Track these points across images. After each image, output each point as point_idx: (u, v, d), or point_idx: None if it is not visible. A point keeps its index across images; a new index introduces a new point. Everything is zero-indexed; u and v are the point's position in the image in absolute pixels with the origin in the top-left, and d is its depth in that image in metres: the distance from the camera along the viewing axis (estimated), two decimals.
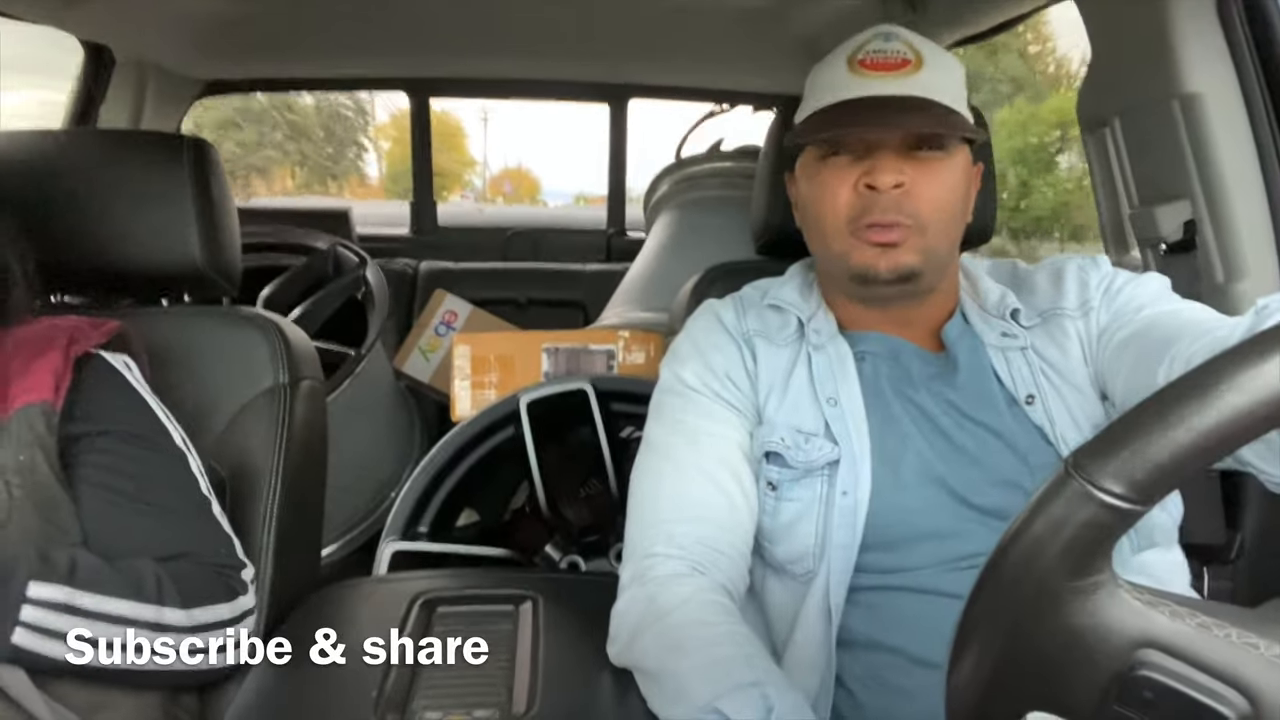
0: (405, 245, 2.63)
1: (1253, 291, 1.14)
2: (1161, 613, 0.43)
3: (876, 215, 0.85)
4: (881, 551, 0.85)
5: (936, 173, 0.86)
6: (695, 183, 2.25)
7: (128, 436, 0.90)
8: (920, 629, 0.81)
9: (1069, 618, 0.43)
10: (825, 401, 0.89)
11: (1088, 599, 0.43)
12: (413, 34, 2.14)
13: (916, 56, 0.87)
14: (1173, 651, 0.43)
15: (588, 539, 1.56)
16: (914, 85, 0.86)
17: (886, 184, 0.85)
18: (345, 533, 1.99)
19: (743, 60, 2.26)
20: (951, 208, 0.88)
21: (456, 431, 1.57)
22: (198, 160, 1.10)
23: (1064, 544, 0.42)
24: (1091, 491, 0.42)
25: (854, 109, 0.86)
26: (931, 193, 0.86)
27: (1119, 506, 0.41)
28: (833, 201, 0.88)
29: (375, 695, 0.81)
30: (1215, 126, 1.14)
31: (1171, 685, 0.43)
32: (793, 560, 0.88)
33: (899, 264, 0.86)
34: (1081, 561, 0.43)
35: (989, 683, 0.45)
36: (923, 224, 0.86)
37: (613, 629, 0.84)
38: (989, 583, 0.45)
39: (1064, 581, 0.43)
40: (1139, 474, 0.41)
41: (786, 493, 0.88)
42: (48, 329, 0.92)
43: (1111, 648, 0.43)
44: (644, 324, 1.90)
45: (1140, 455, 0.41)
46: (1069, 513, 0.42)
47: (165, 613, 0.83)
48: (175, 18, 1.87)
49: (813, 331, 0.93)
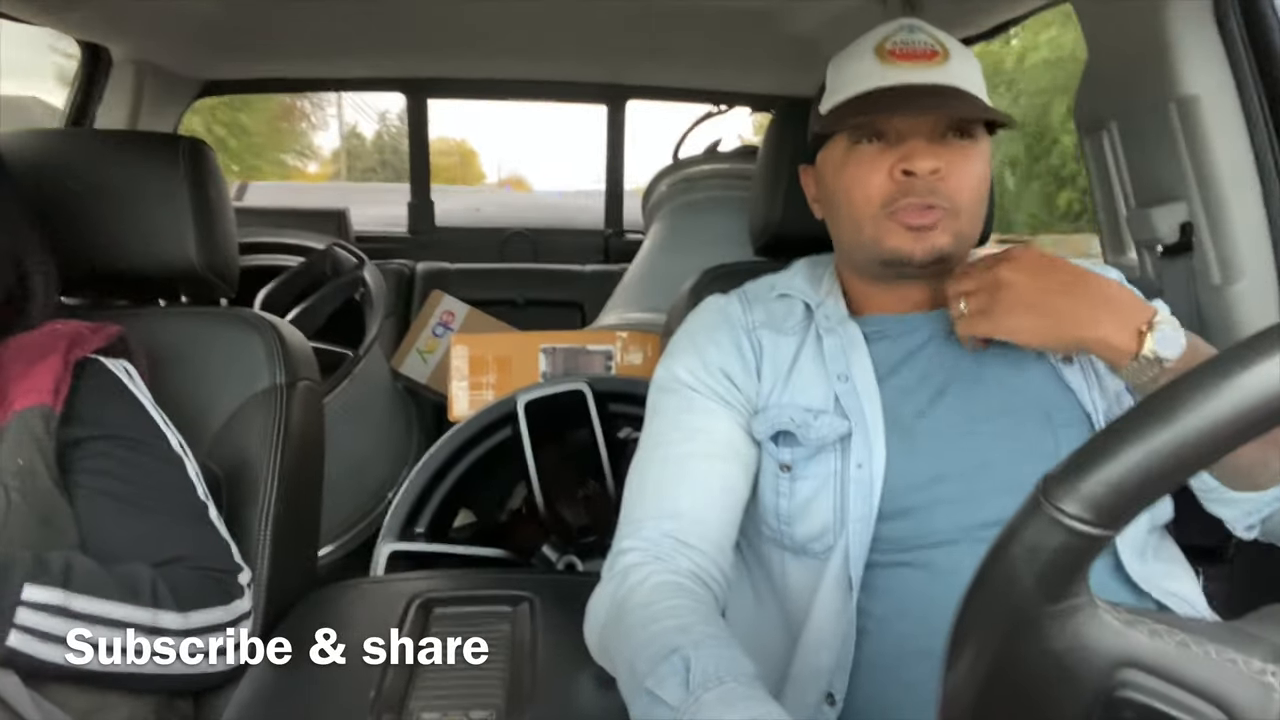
0: (402, 246, 2.63)
1: (1249, 293, 1.15)
2: (1141, 632, 0.44)
3: (914, 199, 0.87)
4: (899, 520, 0.85)
5: (967, 159, 0.88)
6: (693, 184, 2.25)
7: (125, 442, 0.90)
8: (933, 611, 0.81)
9: (1048, 641, 0.44)
10: (836, 378, 0.90)
11: (1066, 621, 0.44)
12: (410, 34, 2.14)
13: (943, 48, 0.89)
14: (1153, 670, 0.43)
15: (585, 539, 1.56)
16: (945, 74, 0.88)
17: (925, 169, 0.86)
18: (342, 533, 1.99)
19: (741, 61, 2.26)
20: (982, 193, 0.90)
21: (454, 432, 1.57)
22: (194, 161, 1.10)
23: (1039, 570, 0.43)
24: (1059, 518, 0.42)
25: (889, 96, 0.88)
26: (964, 179, 0.87)
27: (1087, 532, 0.42)
28: (864, 188, 0.89)
29: (372, 696, 0.81)
30: (1212, 129, 1.14)
31: (1152, 705, 0.43)
32: (812, 538, 0.88)
33: (933, 246, 0.88)
34: (1057, 586, 0.43)
35: (975, 705, 0.45)
36: (957, 208, 0.88)
37: (585, 628, 0.85)
38: (970, 608, 0.45)
39: (1041, 606, 0.43)
40: (1103, 499, 0.41)
41: (801, 471, 0.88)
42: (48, 333, 0.92)
43: (1092, 669, 0.44)
44: (642, 324, 1.90)
45: (1102, 480, 0.41)
46: (1040, 539, 0.42)
47: (161, 616, 0.83)
48: (173, 18, 1.87)
49: (823, 317, 0.94)
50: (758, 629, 0.91)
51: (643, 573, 0.82)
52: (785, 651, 0.88)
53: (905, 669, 0.83)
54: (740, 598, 0.94)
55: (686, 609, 0.78)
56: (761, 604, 0.93)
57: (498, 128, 18.07)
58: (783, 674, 0.87)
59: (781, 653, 0.88)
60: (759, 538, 0.92)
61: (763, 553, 0.92)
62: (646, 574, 0.82)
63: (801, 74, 0.97)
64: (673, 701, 0.69)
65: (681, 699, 0.69)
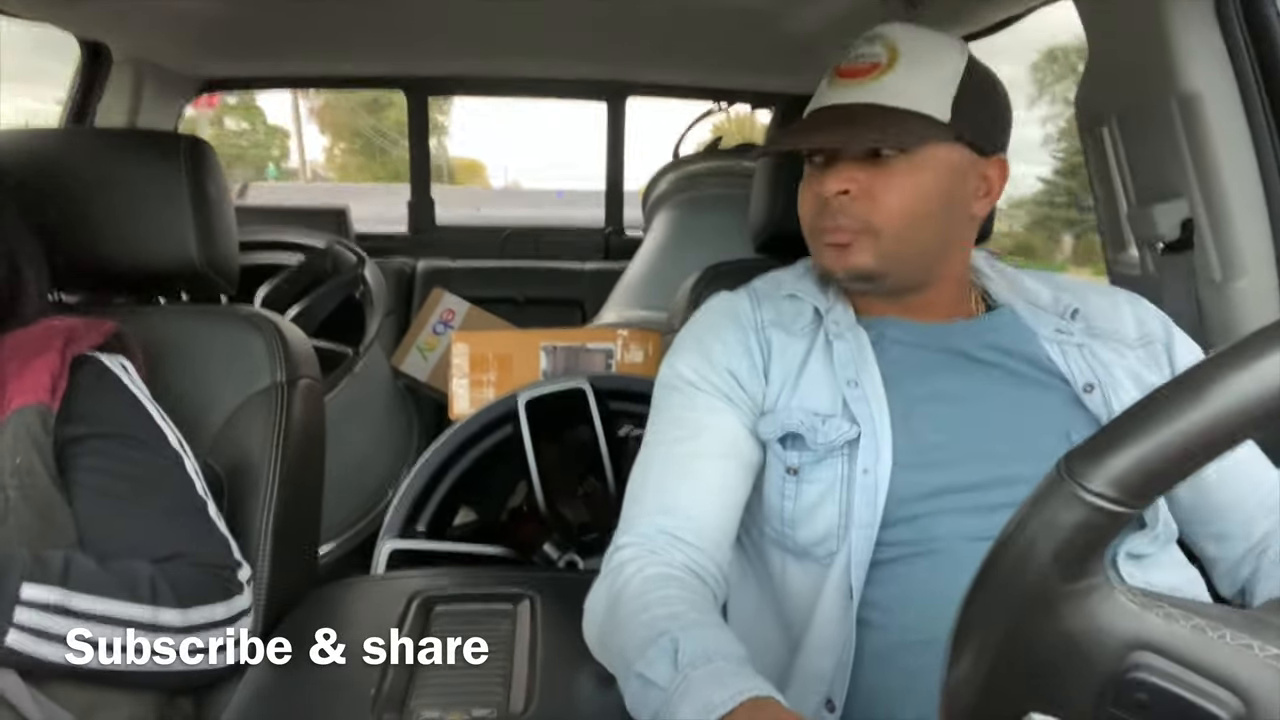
0: (403, 244, 2.63)
1: (1250, 290, 1.14)
2: (1156, 615, 0.43)
3: (826, 220, 0.90)
4: (903, 526, 0.85)
5: (896, 176, 0.88)
6: (694, 181, 2.25)
7: (123, 439, 0.90)
8: (936, 601, 0.81)
9: (1063, 620, 0.43)
10: (846, 384, 0.90)
11: (1082, 601, 0.43)
12: (411, 33, 2.14)
13: (891, 57, 0.89)
14: (1168, 653, 0.43)
15: (586, 537, 1.56)
16: (875, 91, 0.88)
17: (830, 191, 0.89)
18: (343, 531, 1.99)
19: (742, 59, 2.26)
20: (914, 209, 0.89)
21: (454, 430, 1.57)
22: (194, 159, 1.10)
23: (1057, 547, 0.42)
24: (1082, 494, 0.42)
25: (820, 118, 0.91)
26: (887, 198, 0.88)
27: (1109, 509, 0.41)
28: (803, 207, 0.93)
29: (373, 694, 0.81)
30: (1213, 125, 1.14)
31: (1166, 687, 0.43)
32: (815, 542, 0.88)
33: (851, 265, 0.90)
34: (1075, 564, 0.43)
35: (984, 685, 0.45)
36: (874, 228, 0.88)
37: (584, 625, 0.86)
38: (984, 585, 0.45)
39: (1058, 585, 0.43)
40: (1129, 476, 0.41)
41: (808, 475, 0.88)
42: (44, 330, 0.92)
43: (1106, 650, 0.43)
44: (642, 322, 1.90)
45: (1130, 457, 0.41)
46: (1061, 515, 0.42)
47: (160, 613, 0.83)
48: (173, 16, 1.86)
49: (832, 322, 0.94)
50: (758, 631, 0.91)
51: (637, 566, 0.82)
52: (785, 655, 0.88)
53: (907, 658, 0.83)
54: (741, 600, 0.94)
55: (677, 598, 0.78)
56: (762, 607, 0.93)
57: (503, 137, 18.33)
58: (782, 677, 0.87)
59: (782, 656, 0.88)
60: (761, 538, 0.92)
61: (764, 554, 0.92)
62: (640, 567, 0.82)
63: (802, 71, 0.97)
64: (662, 682, 0.69)
65: (670, 678, 0.69)
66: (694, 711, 0.66)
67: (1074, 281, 1.01)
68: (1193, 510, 0.91)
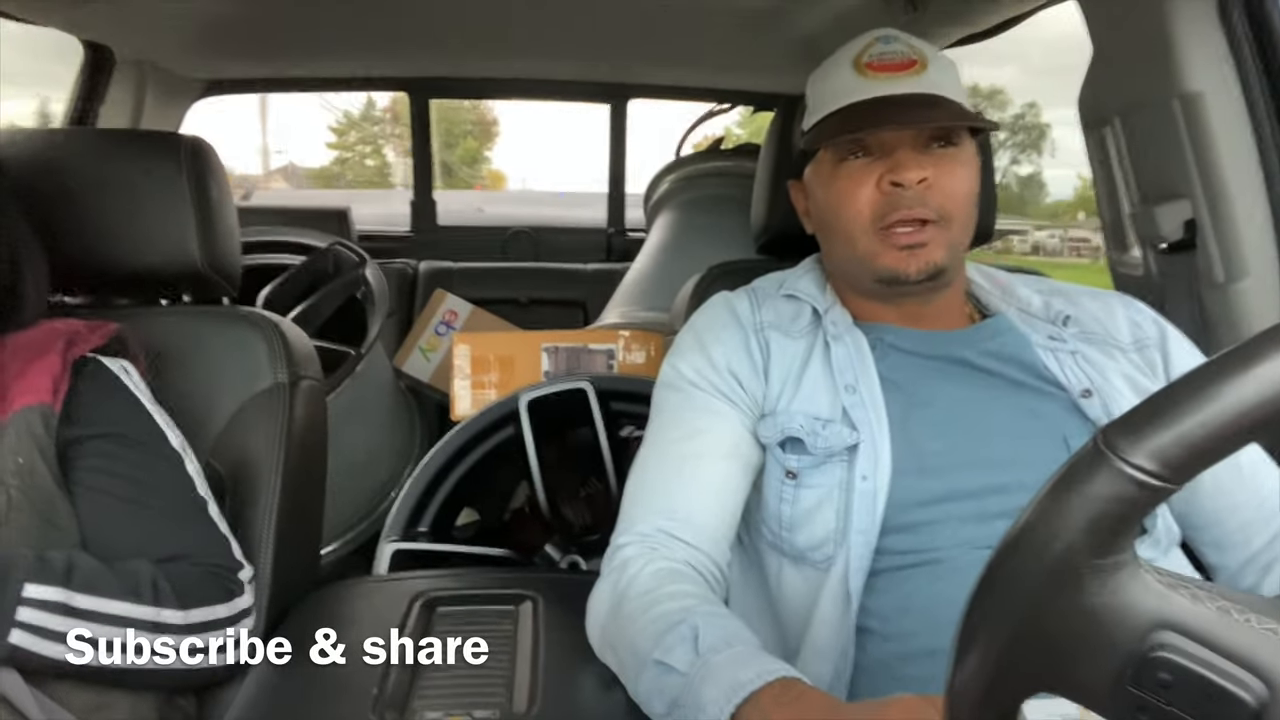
0: (405, 244, 2.63)
1: (1253, 290, 1.14)
2: (1182, 595, 0.43)
3: (904, 211, 0.87)
4: (903, 534, 0.85)
5: (954, 167, 0.89)
6: (695, 182, 2.25)
7: (125, 440, 0.90)
8: (937, 609, 0.81)
9: (1088, 596, 0.43)
10: (844, 389, 0.89)
11: (1109, 578, 0.43)
12: (413, 34, 2.14)
13: (920, 57, 0.90)
14: (1192, 634, 0.42)
15: (588, 538, 1.56)
16: (924, 84, 0.88)
17: (912, 179, 0.87)
18: (345, 532, 1.99)
19: (743, 60, 2.26)
20: (970, 200, 0.90)
21: (456, 431, 1.57)
22: (196, 160, 1.10)
23: (1090, 520, 0.42)
24: (1122, 468, 0.41)
25: (872, 109, 0.88)
26: (952, 186, 0.88)
27: (1149, 484, 0.41)
28: (854, 203, 0.89)
29: (375, 695, 0.81)
30: (1216, 125, 1.13)
31: (1190, 668, 0.42)
32: (813, 547, 0.88)
33: (928, 263, 0.88)
34: (1106, 539, 0.42)
35: (997, 660, 0.44)
36: (948, 218, 0.88)
37: (587, 624, 0.86)
38: (1009, 554, 0.44)
39: (1087, 559, 0.42)
40: (1172, 451, 0.40)
41: (807, 479, 0.88)
42: (46, 332, 0.92)
43: (1129, 628, 0.43)
44: (644, 323, 1.90)
45: (1175, 432, 0.40)
46: (1098, 488, 0.41)
47: (162, 613, 0.83)
48: (176, 18, 1.87)
49: (830, 323, 0.94)
50: (757, 635, 0.90)
51: (641, 563, 0.83)
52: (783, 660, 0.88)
53: (907, 668, 0.83)
54: (740, 603, 0.93)
55: (687, 592, 0.79)
56: (760, 611, 0.92)
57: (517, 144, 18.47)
58: None
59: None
60: (760, 541, 0.92)
61: (762, 558, 0.92)
62: (644, 563, 0.82)
63: (804, 73, 0.97)
64: (682, 667, 0.70)
65: (691, 662, 0.69)
66: (720, 691, 0.67)
67: (1066, 286, 1.01)
68: (1184, 516, 0.91)
